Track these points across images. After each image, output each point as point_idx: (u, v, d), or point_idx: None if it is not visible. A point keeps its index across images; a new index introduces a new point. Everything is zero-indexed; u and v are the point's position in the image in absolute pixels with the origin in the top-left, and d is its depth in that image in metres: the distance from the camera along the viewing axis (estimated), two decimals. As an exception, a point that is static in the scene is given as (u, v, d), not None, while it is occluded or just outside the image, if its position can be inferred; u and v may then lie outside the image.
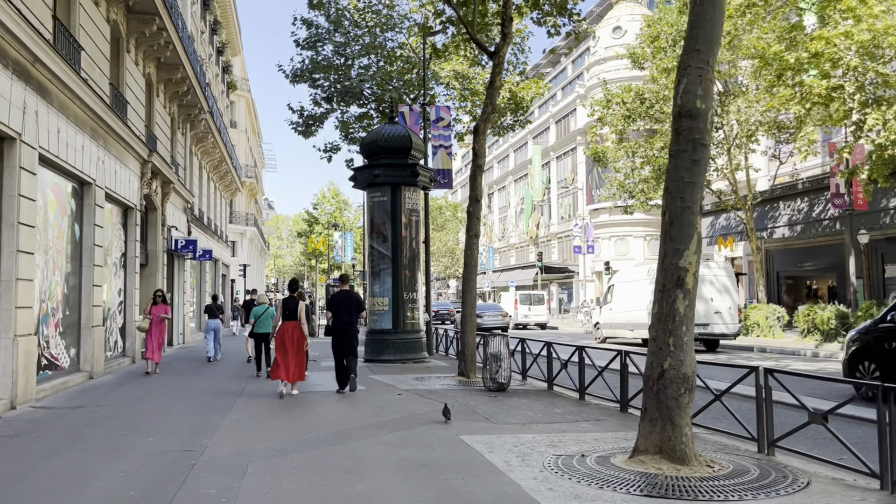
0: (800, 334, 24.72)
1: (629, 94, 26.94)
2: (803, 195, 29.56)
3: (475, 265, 12.26)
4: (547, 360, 11.55)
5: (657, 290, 5.61)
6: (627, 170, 30.15)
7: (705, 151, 5.44)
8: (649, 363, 5.63)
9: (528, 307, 40.26)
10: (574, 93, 60.92)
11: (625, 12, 56.81)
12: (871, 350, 11.03)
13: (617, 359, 9.16)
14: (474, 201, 12.09)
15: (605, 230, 52.60)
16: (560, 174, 64.00)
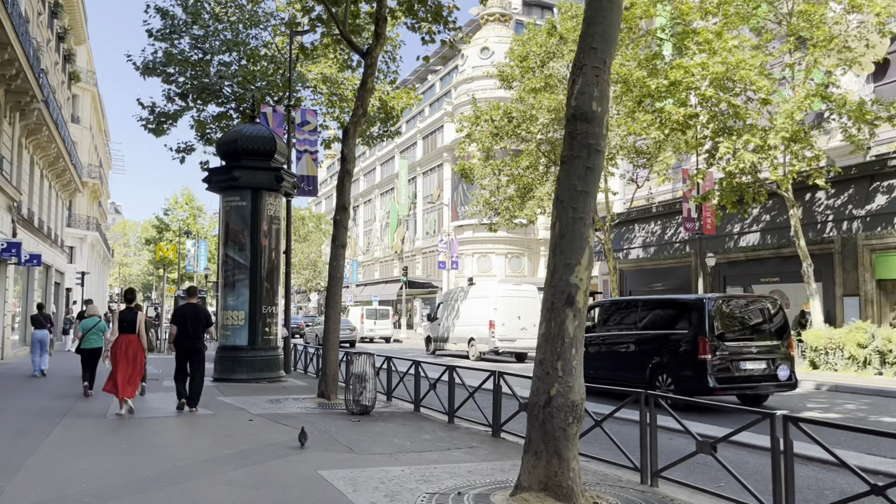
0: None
1: (497, 112, 27.09)
2: (657, 218, 30.97)
3: (341, 277, 11.40)
4: (415, 379, 10.86)
5: (545, 308, 5.07)
6: (493, 187, 30.33)
7: (600, 158, 4.99)
8: (535, 389, 5.06)
9: (374, 321, 41.52)
10: (442, 109, 61.39)
11: (493, 34, 58.05)
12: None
13: (490, 379, 8.59)
14: (341, 209, 11.25)
15: (469, 247, 53.08)
16: (426, 190, 64.11)
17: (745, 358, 12.24)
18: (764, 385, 12.43)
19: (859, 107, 18.84)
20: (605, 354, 14.35)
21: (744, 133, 19.11)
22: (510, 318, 25.65)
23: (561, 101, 25.45)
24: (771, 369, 12.38)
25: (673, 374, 12.48)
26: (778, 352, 12.58)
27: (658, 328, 13.43)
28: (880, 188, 21.25)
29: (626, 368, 13.66)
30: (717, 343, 12.03)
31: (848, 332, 18.73)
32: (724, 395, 12.18)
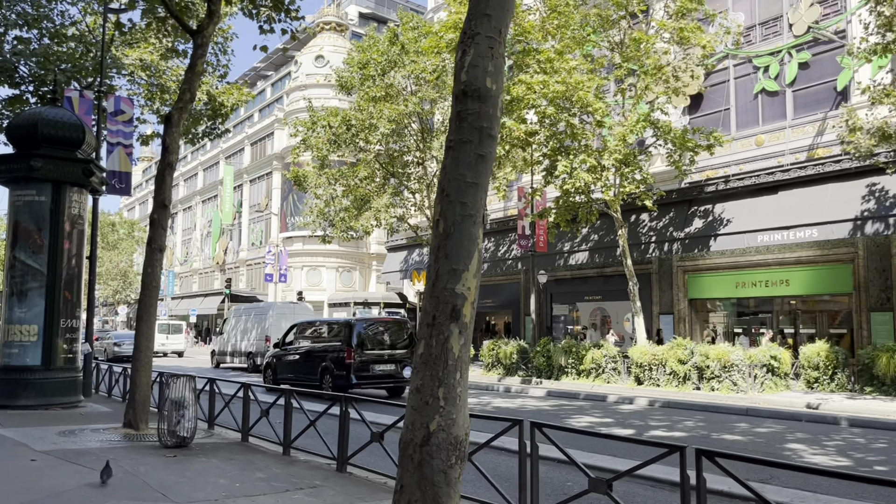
0: (484, 368, 25.64)
1: (336, 119, 25.98)
2: (490, 235, 31.24)
3: (157, 286, 9.76)
4: (243, 403, 9.47)
5: (424, 323, 4.17)
6: (328, 197, 29.11)
7: (493, 145, 4.21)
8: (410, 422, 4.12)
9: (166, 336, 40.86)
10: (273, 116, 58.99)
11: (328, 42, 56.85)
12: (274, 363, 19.77)
13: (336, 406, 7.52)
14: (161, 206, 9.66)
15: (299, 259, 51.14)
16: (253, 198, 61.16)
17: (378, 362, 17.20)
18: (393, 381, 17.53)
19: (682, 134, 19.93)
20: (297, 362, 18.98)
21: (580, 153, 19.52)
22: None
23: (402, 113, 24.89)
24: (398, 370, 17.46)
25: (332, 375, 17.06)
26: (404, 358, 17.48)
27: (326, 341, 18.21)
28: (697, 213, 22.67)
29: (308, 371, 18.09)
30: (359, 351, 16.84)
31: (669, 348, 19.59)
32: (363, 388, 17.04)
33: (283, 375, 19.08)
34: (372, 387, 17.24)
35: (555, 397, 18.12)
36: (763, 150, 23.29)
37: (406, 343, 17.91)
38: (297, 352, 19.12)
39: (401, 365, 17.38)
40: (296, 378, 18.25)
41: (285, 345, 19.87)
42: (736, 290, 24.60)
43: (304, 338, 19.35)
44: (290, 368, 19.00)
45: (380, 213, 26.01)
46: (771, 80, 23.68)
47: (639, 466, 4.34)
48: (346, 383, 16.28)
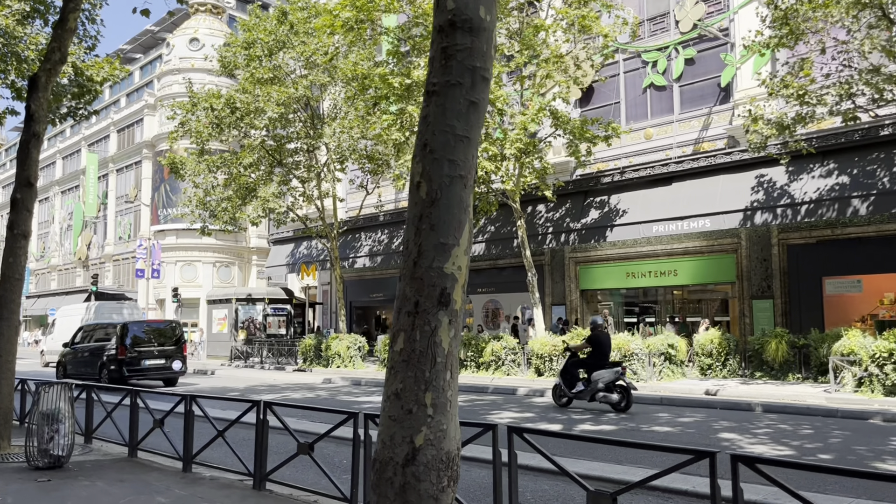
0: (379, 364, 24.78)
1: (219, 101, 24.16)
2: (385, 227, 30.36)
3: (20, 279, 8.19)
4: (130, 412, 8.14)
5: (402, 312, 3.32)
6: (208, 186, 27.16)
7: (486, 90, 3.43)
8: (388, 437, 3.27)
9: None
10: (142, 101, 55.05)
11: (203, 24, 53.71)
12: (64, 361, 22.38)
13: (252, 412, 6.45)
14: (25, 185, 8.10)
15: (173, 254, 48.00)
16: (121, 189, 56.87)
17: (148, 357, 20.35)
18: (162, 373, 20.50)
19: (581, 125, 19.90)
20: (83, 359, 21.39)
21: (482, 141, 19.03)
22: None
23: (291, 96, 23.48)
24: (168, 364, 20.55)
25: (107, 369, 19.81)
26: (174, 354, 20.74)
27: (105, 341, 20.67)
28: (594, 203, 22.83)
29: (90, 366, 20.52)
30: (131, 349, 19.95)
31: (570, 338, 19.52)
32: (135, 380, 19.50)
33: (71, 372, 21.48)
34: (144, 378, 20.27)
35: (462, 392, 17.51)
36: (652, 144, 23.81)
37: (174, 341, 21.29)
38: (83, 350, 21.58)
39: (169, 359, 20.75)
40: (80, 374, 20.55)
41: (74, 344, 22.24)
42: (626, 281, 25.06)
43: (90, 338, 21.85)
44: (77, 365, 21.50)
45: (267, 203, 24.47)
46: (659, 74, 24.23)
47: (655, 476, 3.69)
48: (118, 376, 19.32)
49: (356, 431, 5.21)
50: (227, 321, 33.83)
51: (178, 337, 21.33)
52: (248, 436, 6.62)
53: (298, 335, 34.01)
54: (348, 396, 16.06)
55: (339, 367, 25.67)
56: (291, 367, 27.44)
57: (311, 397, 15.80)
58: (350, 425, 5.24)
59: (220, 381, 21.44)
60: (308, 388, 18.26)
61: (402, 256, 3.43)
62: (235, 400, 7.15)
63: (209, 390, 17.78)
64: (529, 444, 4.29)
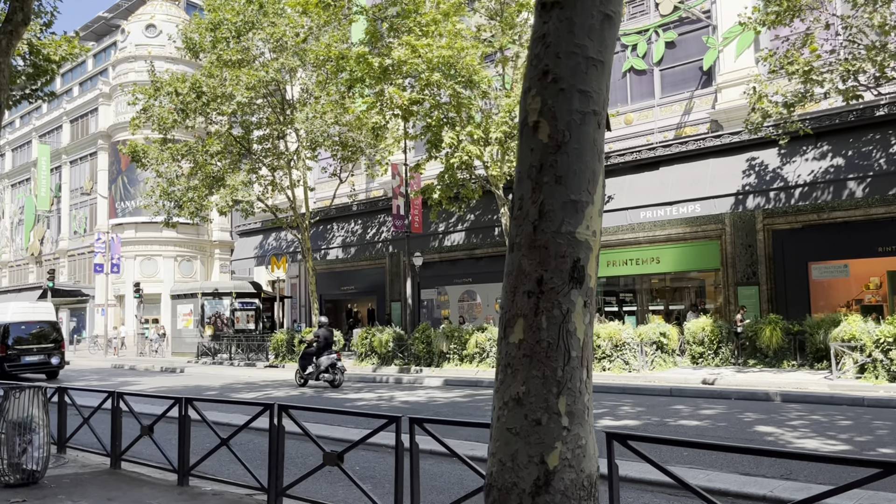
0: (357, 358, 23.92)
1: (183, 85, 22.90)
2: (358, 217, 29.43)
3: None
4: (112, 416, 7.19)
5: (517, 291, 2.53)
6: (172, 175, 25.88)
7: (621, 2, 2.65)
8: (506, 457, 2.45)
9: None
10: (96, 90, 52.88)
11: (160, 10, 51.85)
12: None
13: (264, 416, 5.58)
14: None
15: (132, 248, 46.26)
16: (75, 182, 54.65)
17: (29, 354, 22.75)
18: (41, 368, 22.89)
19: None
20: None
21: (466, 125, 18.30)
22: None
23: (261, 79, 22.37)
24: (47, 359, 23.00)
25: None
26: (52, 351, 23.20)
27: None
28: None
29: None
30: (13, 347, 22.33)
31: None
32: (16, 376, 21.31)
33: None
34: (26, 373, 22.39)
35: (456, 386, 16.75)
36: (632, 129, 23.35)
37: (52, 340, 23.65)
38: None
39: (49, 356, 23.13)
40: None
41: None
42: (607, 269, 24.61)
43: None
44: None
45: (236, 192, 23.34)
46: (639, 58, 23.79)
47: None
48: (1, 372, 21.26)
49: (399, 439, 4.43)
50: (193, 317, 32.50)
51: (57, 336, 23.92)
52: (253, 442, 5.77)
53: (268, 330, 32.89)
54: (336, 394, 15.18)
55: (313, 362, 24.75)
56: (262, 364, 26.41)
57: (297, 395, 14.87)
58: (391, 430, 4.46)
59: (192, 380, 20.34)
60: (290, 386, 17.30)
61: (512, 221, 2.66)
62: (239, 403, 6.27)
63: (182, 389, 16.72)
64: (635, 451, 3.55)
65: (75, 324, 53.18)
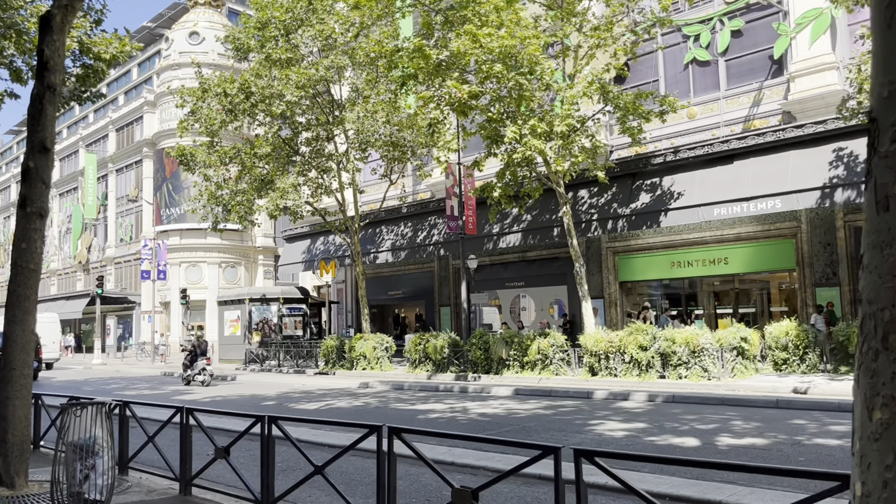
0: (410, 365, 23.08)
1: (232, 86, 22.37)
2: (407, 219, 28.64)
3: (37, 269, 6.41)
4: (181, 435, 6.36)
5: None
6: (220, 179, 25.39)
7: None
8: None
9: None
10: (141, 98, 53.18)
11: (202, 18, 51.96)
12: None
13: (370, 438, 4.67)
14: (40, 150, 6.26)
15: (176, 255, 46.20)
16: (121, 190, 55.02)
17: None
18: None
19: (634, 100, 18.20)
20: None
21: (530, 118, 17.33)
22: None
23: (311, 78, 21.71)
24: None
25: None
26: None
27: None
28: (644, 186, 21.13)
29: None
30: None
31: (628, 334, 17.83)
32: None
33: None
34: None
35: (529, 396, 15.64)
36: (696, 123, 22.16)
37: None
38: None
39: None
40: None
41: None
42: (671, 271, 23.43)
43: None
44: None
45: (286, 195, 22.71)
46: (702, 49, 22.59)
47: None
48: None
49: (559, 473, 3.48)
50: (241, 323, 32.06)
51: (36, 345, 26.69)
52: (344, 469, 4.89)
53: (315, 336, 32.29)
54: (402, 404, 14.27)
55: (364, 369, 23.98)
56: (312, 371, 25.73)
57: (360, 406, 14.02)
58: (550, 460, 3.51)
59: (245, 388, 19.69)
60: (349, 395, 16.48)
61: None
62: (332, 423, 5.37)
63: (238, 399, 16.03)
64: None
65: (122, 331, 53.45)
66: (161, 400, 16.61)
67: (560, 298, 27.66)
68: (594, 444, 8.66)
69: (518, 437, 8.69)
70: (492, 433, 9.61)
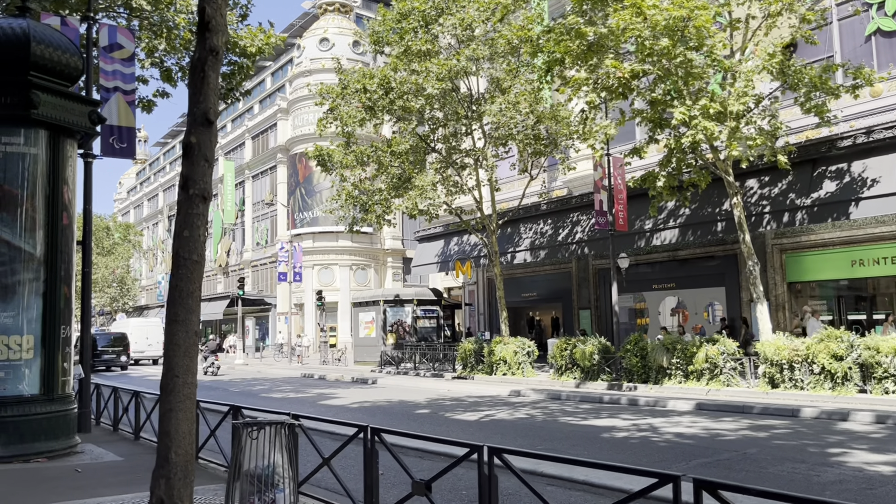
0: (555, 371, 21.58)
1: (372, 81, 21.77)
2: (547, 217, 27.17)
3: (201, 260, 5.45)
4: (366, 461, 5.25)
5: None
6: (356, 179, 24.92)
7: None
8: None
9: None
10: (275, 106, 54.72)
11: (332, 24, 52.76)
12: None
13: (667, 488, 3.31)
14: (203, 123, 5.35)
15: (309, 258, 46.92)
16: (256, 195, 56.90)
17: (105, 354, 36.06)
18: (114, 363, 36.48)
19: (822, 72, 15.90)
20: None
21: (699, 97, 15.46)
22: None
23: (452, 68, 20.73)
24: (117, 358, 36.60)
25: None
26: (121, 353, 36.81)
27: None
28: (827, 173, 18.62)
29: None
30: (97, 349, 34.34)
31: (818, 341, 15.52)
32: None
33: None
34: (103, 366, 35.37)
35: (720, 412, 13.48)
36: (882, 102, 19.30)
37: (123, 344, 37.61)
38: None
39: (118, 356, 36.55)
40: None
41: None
42: (851, 270, 20.60)
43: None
44: None
45: (425, 192, 21.84)
46: (888, 17, 19.71)
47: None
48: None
49: None
50: (375, 324, 31.68)
51: (125, 343, 37.63)
52: None
53: (448, 339, 31.43)
54: (570, 418, 12.80)
55: (504, 374, 22.73)
56: (449, 375, 24.78)
57: (524, 419, 12.68)
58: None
59: (390, 393, 18.89)
60: (504, 404, 15.21)
61: None
62: (585, 464, 4.06)
63: (387, 405, 15.17)
64: None
65: (259, 332, 55.14)
66: (308, 404, 16.05)
67: (714, 301, 25.30)
68: (862, 482, 6.88)
69: (747, 469, 7.09)
70: (706, 460, 8.01)
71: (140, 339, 41.25)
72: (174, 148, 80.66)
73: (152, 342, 41.42)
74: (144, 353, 42.17)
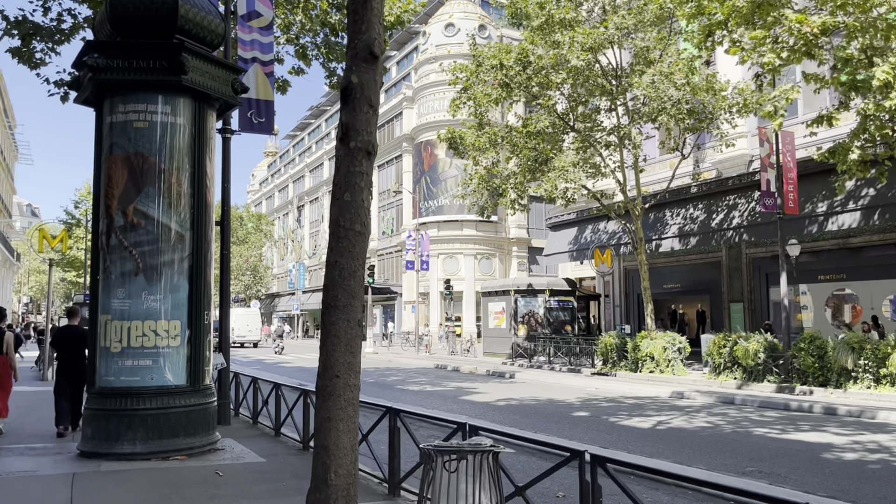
0: (711, 371, 19.48)
1: (509, 57, 20.40)
2: (697, 200, 24.87)
3: (365, 230, 4.31)
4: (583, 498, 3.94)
5: None
6: (489, 162, 23.66)
7: None
8: None
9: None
10: (400, 94, 54.55)
11: (457, 9, 51.83)
12: None
13: None
14: (366, 58, 3.93)
15: (434, 247, 46.33)
16: (382, 185, 57.06)
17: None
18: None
19: None
20: None
21: (884, 49, 13.04)
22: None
23: (600, 36, 19.00)
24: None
25: None
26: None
27: None
28: None
29: None
30: None
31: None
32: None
33: None
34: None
35: None
36: None
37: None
38: None
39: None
40: None
41: None
42: None
43: None
44: None
45: (567, 173, 20.26)
46: None
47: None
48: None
49: None
50: (506, 315, 30.42)
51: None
52: None
53: (583, 332, 29.70)
54: (764, 429, 10.88)
55: (651, 371, 20.86)
56: (588, 370, 23.14)
57: (707, 428, 10.92)
58: None
59: (532, 389, 17.55)
60: (670, 408, 13.48)
61: None
62: None
63: (535, 404, 13.83)
64: None
65: (384, 320, 55.41)
66: (449, 399, 15.02)
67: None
68: None
69: None
70: None
71: (241, 326, 47.74)
72: (302, 140, 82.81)
73: (252, 328, 50.18)
74: (246, 337, 49.58)
